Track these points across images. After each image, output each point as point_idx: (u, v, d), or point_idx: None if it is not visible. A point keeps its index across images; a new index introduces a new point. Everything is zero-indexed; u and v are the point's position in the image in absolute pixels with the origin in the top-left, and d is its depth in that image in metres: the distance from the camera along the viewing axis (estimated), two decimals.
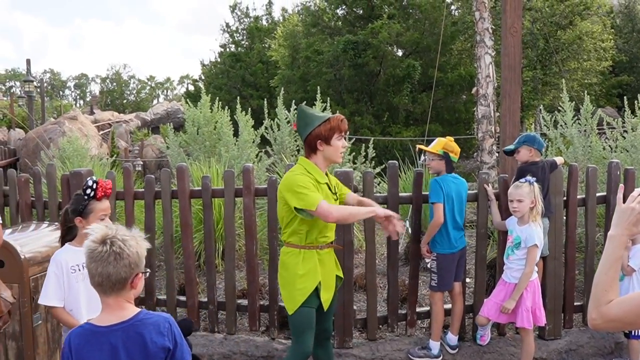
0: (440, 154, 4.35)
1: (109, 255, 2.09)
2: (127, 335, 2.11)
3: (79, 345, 2.12)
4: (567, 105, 7.15)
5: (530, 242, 4.09)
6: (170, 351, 2.14)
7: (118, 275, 2.10)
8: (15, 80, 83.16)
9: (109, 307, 2.16)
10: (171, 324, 2.18)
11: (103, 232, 2.13)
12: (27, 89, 24.30)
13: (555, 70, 18.18)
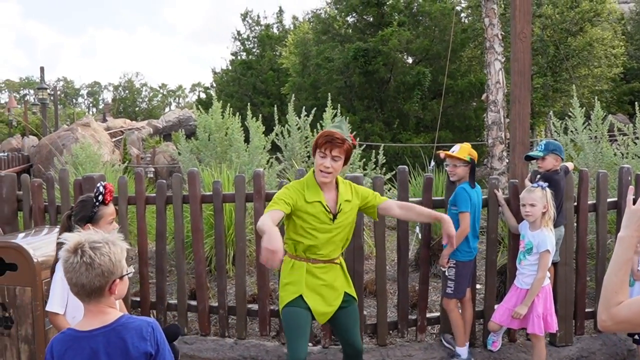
0: (467, 160, 4.31)
1: (80, 266, 2.06)
2: (108, 339, 2.10)
3: (61, 351, 2.11)
4: (577, 111, 7.14)
5: (543, 248, 4.08)
6: (152, 356, 2.13)
7: (92, 285, 2.08)
8: (29, 88, 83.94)
9: (91, 312, 2.15)
10: (154, 328, 2.16)
11: (75, 241, 2.10)
12: (40, 97, 24.54)
13: (565, 77, 18.13)
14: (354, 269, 4.54)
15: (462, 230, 4.24)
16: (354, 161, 8.05)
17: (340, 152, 3.28)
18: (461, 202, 4.26)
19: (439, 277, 6.06)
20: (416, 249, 6.62)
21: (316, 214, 3.34)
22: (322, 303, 3.45)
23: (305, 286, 3.41)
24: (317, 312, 3.44)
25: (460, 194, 4.28)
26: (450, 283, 4.38)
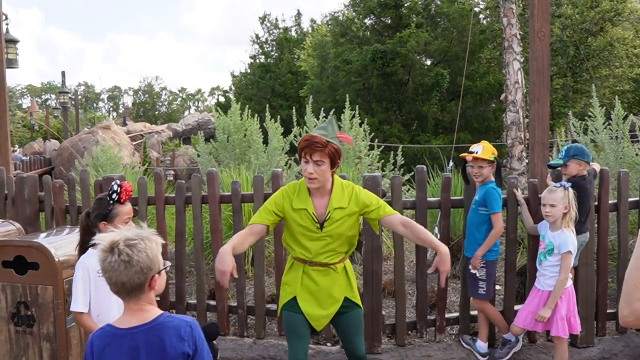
0: (492, 159, 4.25)
1: (119, 265, 2.06)
2: (147, 338, 2.09)
3: (100, 347, 2.12)
4: (597, 111, 7.06)
5: (564, 249, 4.02)
6: (189, 357, 2.10)
7: (132, 283, 2.08)
8: (50, 93, 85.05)
9: (130, 309, 2.15)
10: (193, 328, 2.13)
11: (110, 240, 2.09)
12: (61, 101, 24.84)
13: (585, 78, 17.97)
14: (372, 270, 4.54)
15: (498, 231, 4.21)
16: (372, 162, 8.05)
17: (322, 156, 3.12)
18: (494, 203, 4.21)
19: (458, 278, 6.04)
20: (434, 250, 6.59)
21: (302, 221, 3.24)
22: (317, 307, 3.36)
23: (300, 287, 3.35)
24: (311, 316, 3.35)
25: (491, 194, 4.22)
26: (482, 284, 4.34)
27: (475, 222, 4.35)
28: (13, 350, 4.11)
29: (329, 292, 3.35)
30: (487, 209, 4.23)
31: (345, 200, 3.28)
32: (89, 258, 3.27)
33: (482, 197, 4.27)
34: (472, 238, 4.38)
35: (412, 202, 4.70)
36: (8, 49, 9.02)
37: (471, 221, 4.41)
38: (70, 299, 4.04)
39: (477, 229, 4.34)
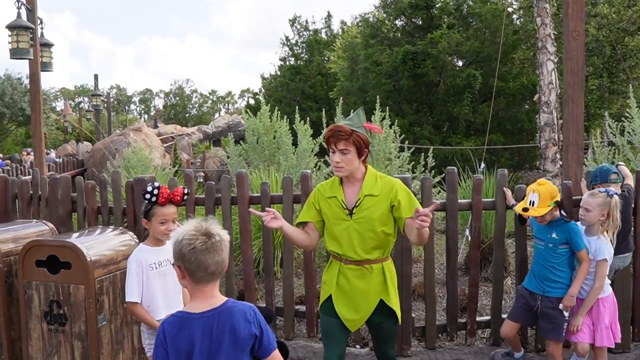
0: (552, 206, 3.93)
1: (220, 243, 2.20)
2: (218, 322, 2.21)
3: (173, 332, 2.22)
4: (634, 112, 6.90)
5: (600, 256, 3.89)
6: (257, 337, 2.25)
7: (226, 261, 2.24)
8: (83, 96, 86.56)
9: (204, 294, 2.25)
10: (256, 312, 2.28)
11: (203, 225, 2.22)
12: (94, 103, 25.26)
13: (622, 78, 17.59)
14: (402, 271, 4.49)
15: (587, 268, 3.92)
16: (403, 164, 7.99)
17: (347, 145, 3.18)
18: (579, 240, 3.92)
19: (489, 281, 5.95)
20: (465, 252, 6.51)
21: (333, 209, 3.30)
22: (350, 309, 3.32)
23: (336, 286, 3.34)
24: (345, 318, 3.33)
25: (575, 231, 3.93)
26: (565, 324, 4.01)
27: (555, 262, 4.00)
28: (46, 348, 4.17)
29: (363, 294, 3.29)
30: (567, 246, 3.96)
31: (378, 188, 3.28)
32: (141, 252, 3.41)
33: (565, 237, 3.94)
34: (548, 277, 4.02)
35: (443, 203, 4.64)
36: (43, 53, 9.21)
37: (546, 261, 4.03)
38: (102, 298, 4.10)
39: (557, 268, 4.00)
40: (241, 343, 2.21)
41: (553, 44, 7.55)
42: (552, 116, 7.37)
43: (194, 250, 2.17)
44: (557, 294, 3.97)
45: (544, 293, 4.03)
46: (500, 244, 4.63)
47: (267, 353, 2.28)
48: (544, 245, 4.05)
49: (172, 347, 2.22)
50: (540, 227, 4.08)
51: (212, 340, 2.20)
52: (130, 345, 4.43)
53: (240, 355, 2.22)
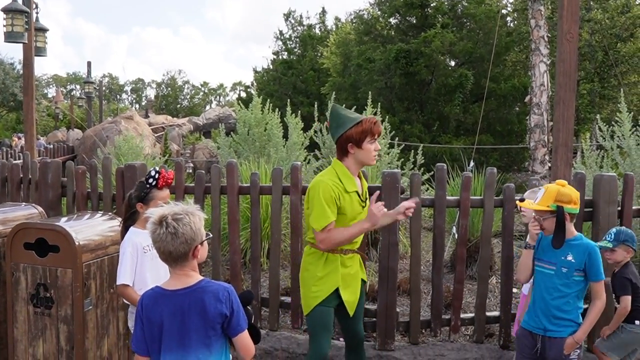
0: (553, 209, 3.21)
1: (167, 236, 2.33)
2: (190, 299, 2.35)
3: (149, 305, 2.40)
4: (625, 116, 6.96)
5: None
6: (227, 317, 2.36)
7: (177, 252, 2.35)
8: (75, 84, 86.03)
9: (176, 275, 2.43)
10: (230, 292, 2.39)
11: (159, 214, 2.36)
12: (87, 90, 25.11)
13: (613, 84, 17.71)
14: (388, 266, 4.53)
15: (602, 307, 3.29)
16: (392, 160, 8.02)
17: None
18: (601, 266, 3.26)
19: (474, 279, 6.01)
20: (451, 250, 6.56)
21: (353, 204, 3.42)
22: (353, 293, 3.55)
23: (341, 278, 3.46)
24: (349, 303, 3.52)
25: (597, 254, 3.25)
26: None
27: (567, 293, 3.28)
28: (31, 330, 4.17)
29: (356, 276, 3.58)
30: (583, 273, 3.26)
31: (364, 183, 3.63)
32: (136, 235, 3.44)
33: (584, 261, 3.24)
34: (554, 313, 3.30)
35: (431, 199, 4.68)
36: (37, 37, 9.16)
37: (555, 290, 3.29)
38: (89, 282, 4.10)
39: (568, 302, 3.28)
40: (210, 321, 2.34)
41: (546, 46, 7.61)
42: (543, 118, 7.43)
43: (154, 238, 2.37)
44: (564, 334, 3.26)
45: (545, 333, 3.30)
46: (487, 241, 4.67)
47: (235, 333, 2.40)
48: (554, 271, 3.29)
49: (147, 320, 2.39)
50: (551, 246, 3.29)
51: (183, 316, 2.34)
52: (116, 331, 4.44)
53: (210, 333, 2.36)
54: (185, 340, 2.34)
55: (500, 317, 4.67)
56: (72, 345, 4.08)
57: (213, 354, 2.37)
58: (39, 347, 4.17)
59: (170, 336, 2.35)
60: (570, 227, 3.27)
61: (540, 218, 3.29)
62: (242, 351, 2.44)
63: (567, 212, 3.19)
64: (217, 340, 2.38)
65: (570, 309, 3.26)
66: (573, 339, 3.23)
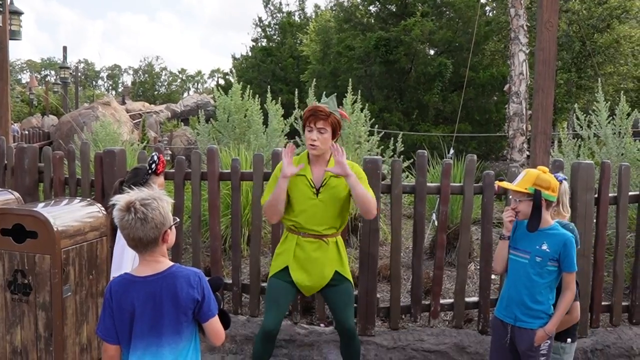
0: (530, 192, 3.19)
1: (136, 222, 2.30)
2: (161, 285, 2.34)
3: (118, 292, 2.36)
4: (602, 105, 7.05)
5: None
6: (198, 302, 2.35)
7: (147, 238, 2.33)
8: (50, 69, 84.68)
9: (146, 261, 2.39)
10: (200, 278, 2.39)
11: (126, 200, 2.33)
12: (62, 76, 24.75)
13: (590, 74, 17.92)
14: (368, 252, 4.55)
15: (571, 298, 3.30)
16: (372, 148, 8.03)
17: (324, 124, 3.46)
18: (573, 258, 3.24)
19: (452, 265, 6.06)
20: (430, 237, 6.60)
21: (300, 187, 3.52)
22: (307, 278, 3.60)
23: (293, 258, 3.58)
24: (301, 285, 3.62)
25: (572, 245, 3.23)
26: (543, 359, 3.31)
27: (539, 282, 3.26)
28: (8, 317, 4.12)
29: (320, 264, 3.58)
30: (557, 263, 3.25)
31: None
32: None
33: (558, 251, 3.22)
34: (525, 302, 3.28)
35: (412, 186, 4.70)
36: (12, 21, 8.99)
37: (528, 280, 3.28)
38: (67, 269, 4.05)
39: (540, 292, 3.27)
40: (183, 306, 2.33)
41: (525, 35, 7.67)
42: (521, 106, 7.50)
43: (122, 225, 2.34)
44: (533, 325, 3.26)
45: (515, 323, 3.30)
46: (467, 228, 4.71)
47: (206, 318, 2.39)
48: (528, 260, 3.28)
49: (118, 307, 2.35)
50: (526, 235, 3.29)
51: (155, 302, 2.32)
52: (95, 317, 4.40)
53: (182, 318, 2.35)
54: (157, 326, 2.32)
55: (479, 303, 4.73)
56: (51, 332, 4.04)
57: (183, 339, 2.36)
58: (16, 334, 4.13)
59: (142, 323, 2.32)
60: (546, 216, 3.25)
61: (517, 200, 3.27)
62: (212, 337, 2.43)
63: (544, 198, 3.19)
64: (187, 326, 2.37)
65: (542, 300, 3.26)
66: (544, 330, 3.24)
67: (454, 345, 4.56)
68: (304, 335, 4.63)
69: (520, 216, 3.29)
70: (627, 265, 5.10)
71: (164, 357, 2.31)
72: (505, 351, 3.37)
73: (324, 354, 4.56)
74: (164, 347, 2.31)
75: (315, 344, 4.60)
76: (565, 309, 3.27)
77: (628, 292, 5.13)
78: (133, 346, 2.32)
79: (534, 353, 3.25)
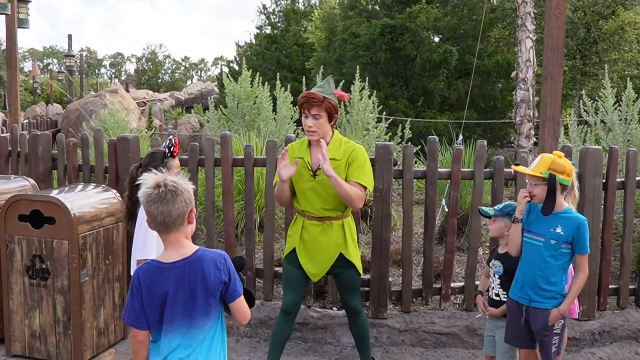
0: (545, 176, 3.23)
1: (166, 194, 2.29)
2: (190, 270, 2.34)
3: (147, 280, 2.36)
4: (608, 92, 7.07)
5: None
6: (225, 284, 2.38)
7: (178, 211, 2.31)
8: (52, 58, 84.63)
9: (171, 244, 2.38)
10: (226, 259, 2.41)
11: (155, 178, 2.34)
12: (68, 64, 24.76)
13: (595, 61, 17.85)
14: (381, 236, 4.61)
15: (584, 279, 3.36)
16: (380, 135, 8.08)
17: (319, 110, 3.50)
18: (586, 241, 3.30)
19: (462, 250, 6.12)
20: (440, 222, 6.65)
21: (299, 169, 3.57)
22: (312, 261, 3.68)
23: (299, 240, 3.68)
24: (308, 271, 3.71)
25: (585, 228, 3.30)
26: (556, 339, 3.36)
27: (553, 264, 3.31)
28: (27, 302, 4.20)
29: (323, 247, 3.65)
30: (570, 246, 3.30)
31: (340, 153, 3.62)
32: None
33: (572, 234, 3.28)
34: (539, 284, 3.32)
35: (423, 171, 4.76)
36: (19, 9, 9.02)
37: (542, 262, 3.32)
38: (85, 254, 4.12)
39: (553, 274, 3.32)
40: (212, 289, 2.35)
41: (532, 22, 7.67)
42: (529, 93, 7.53)
43: (144, 202, 2.33)
44: (548, 305, 3.31)
45: (530, 304, 3.34)
46: (477, 212, 4.76)
47: (233, 299, 2.41)
48: (543, 242, 3.31)
49: (147, 294, 2.35)
50: (540, 218, 3.33)
51: (185, 288, 2.33)
52: (112, 302, 4.49)
53: (211, 300, 2.37)
54: (188, 310, 2.35)
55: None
56: (69, 316, 4.13)
57: (212, 319, 2.39)
58: (35, 318, 4.21)
59: (173, 308, 2.34)
60: (560, 200, 3.29)
61: (532, 184, 3.31)
62: (239, 316, 2.46)
63: (559, 182, 3.22)
64: (215, 307, 2.40)
65: (555, 281, 3.31)
66: (558, 310, 3.28)
67: (465, 328, 4.63)
68: (317, 318, 4.71)
69: (535, 200, 3.32)
70: (634, 250, 5.15)
71: (194, 338, 2.35)
72: (521, 331, 3.42)
73: (337, 336, 4.64)
74: (193, 328, 2.35)
75: (328, 326, 4.68)
76: (578, 289, 3.33)
77: (634, 276, 5.18)
78: (164, 330, 2.36)
79: (548, 332, 3.31)
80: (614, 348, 4.64)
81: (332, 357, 4.49)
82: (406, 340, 4.64)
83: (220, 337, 2.46)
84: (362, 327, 3.91)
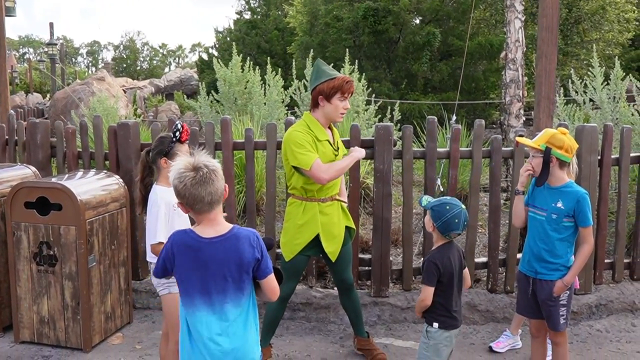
0: (542, 148, 3.33)
1: (210, 173, 2.37)
2: (225, 247, 2.41)
3: (180, 249, 2.44)
4: (597, 71, 7.18)
5: None
6: (258, 261, 2.44)
7: (221, 188, 2.41)
8: (28, 47, 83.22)
9: (210, 221, 2.44)
10: (258, 237, 2.48)
11: (188, 162, 2.39)
12: (50, 53, 24.42)
13: (576, 41, 18.01)
14: (382, 216, 4.68)
15: (590, 251, 3.44)
16: (370, 117, 8.13)
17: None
18: (588, 213, 3.36)
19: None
20: None
21: (325, 151, 3.63)
22: (334, 241, 3.73)
23: (320, 225, 3.67)
24: (330, 251, 3.73)
25: (586, 201, 3.34)
26: (563, 310, 3.46)
27: (556, 237, 3.40)
28: (35, 288, 4.22)
29: (337, 224, 3.75)
30: (572, 220, 3.39)
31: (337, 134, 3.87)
32: (166, 193, 3.33)
33: (573, 207, 3.35)
34: (543, 257, 3.43)
35: (422, 151, 4.82)
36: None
37: (546, 236, 3.43)
38: (92, 239, 4.14)
39: (557, 247, 3.41)
40: (246, 266, 2.42)
41: (521, 2, 7.75)
42: (518, 73, 7.62)
43: (185, 186, 2.36)
44: (553, 277, 3.41)
45: (536, 276, 3.46)
46: (476, 191, 4.85)
47: (264, 275, 2.48)
48: (545, 217, 3.42)
49: (180, 263, 2.43)
50: (542, 193, 3.45)
51: (221, 264, 2.40)
52: (118, 286, 4.52)
53: (244, 276, 2.44)
54: (222, 285, 2.40)
55: (488, 263, 4.89)
56: (78, 301, 4.15)
57: (245, 294, 2.46)
58: (43, 304, 4.23)
59: (208, 283, 2.41)
60: (561, 174, 3.38)
61: (533, 157, 3.42)
62: (269, 292, 2.52)
63: (555, 156, 3.31)
64: (248, 283, 2.47)
65: (560, 254, 3.40)
66: (562, 282, 3.38)
67: (465, 304, 4.72)
68: (320, 298, 4.78)
69: (534, 173, 3.42)
70: (627, 224, 5.28)
71: (228, 312, 2.42)
72: (530, 302, 3.54)
73: (340, 315, 4.71)
74: (227, 302, 2.42)
75: (331, 306, 4.76)
76: (583, 261, 3.42)
77: (629, 250, 5.32)
78: (198, 303, 2.42)
79: (554, 303, 3.42)
80: (610, 320, 4.78)
81: (337, 335, 4.57)
82: (408, 317, 4.74)
83: (254, 313, 2.52)
84: (357, 301, 4.06)
